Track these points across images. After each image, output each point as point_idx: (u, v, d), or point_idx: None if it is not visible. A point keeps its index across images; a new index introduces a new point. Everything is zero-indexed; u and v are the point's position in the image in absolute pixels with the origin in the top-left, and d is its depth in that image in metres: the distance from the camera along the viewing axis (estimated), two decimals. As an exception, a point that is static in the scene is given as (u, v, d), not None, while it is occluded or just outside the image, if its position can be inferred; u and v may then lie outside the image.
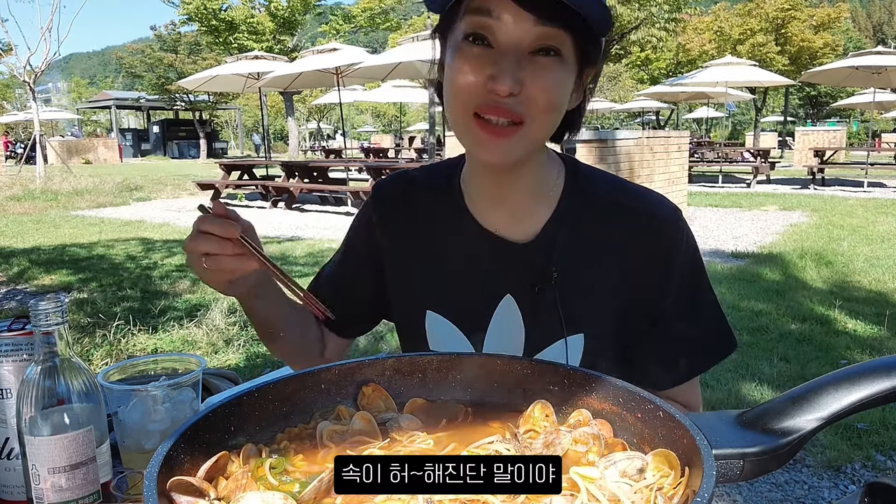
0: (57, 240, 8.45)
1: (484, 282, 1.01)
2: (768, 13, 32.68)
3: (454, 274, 1.03)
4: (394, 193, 1.10)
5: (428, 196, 1.07)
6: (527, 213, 1.00)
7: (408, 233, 1.07)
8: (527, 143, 0.88)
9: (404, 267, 1.07)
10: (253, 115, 50.62)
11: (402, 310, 1.09)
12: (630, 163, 8.64)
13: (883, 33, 79.89)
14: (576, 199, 1.00)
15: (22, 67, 15.54)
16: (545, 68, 0.84)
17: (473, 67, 0.84)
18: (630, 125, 42.78)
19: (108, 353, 4.07)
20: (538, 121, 0.86)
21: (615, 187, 1.02)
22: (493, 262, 1.00)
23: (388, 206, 1.09)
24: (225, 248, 0.84)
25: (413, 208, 1.07)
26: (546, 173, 1.00)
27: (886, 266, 6.26)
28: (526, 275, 0.98)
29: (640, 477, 0.59)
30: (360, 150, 26.54)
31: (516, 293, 0.99)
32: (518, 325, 0.99)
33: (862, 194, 12.71)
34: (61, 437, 0.77)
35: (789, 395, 0.60)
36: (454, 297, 1.03)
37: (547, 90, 0.84)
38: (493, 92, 0.83)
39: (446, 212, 1.04)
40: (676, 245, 0.97)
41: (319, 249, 7.58)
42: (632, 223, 0.97)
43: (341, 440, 0.70)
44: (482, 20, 0.83)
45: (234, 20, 30.04)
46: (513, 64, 0.82)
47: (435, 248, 1.05)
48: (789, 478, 2.70)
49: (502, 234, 1.00)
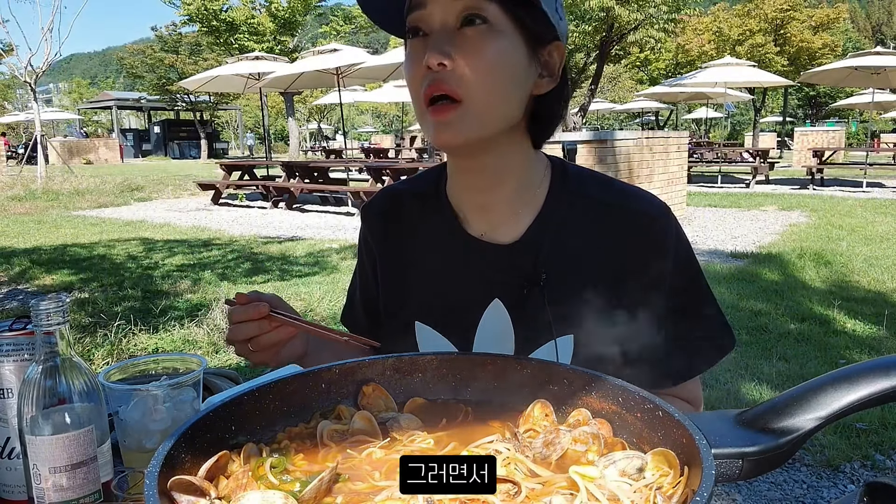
0: (58, 240, 8.45)
1: (471, 287, 1.00)
2: (767, 14, 32.66)
3: (440, 282, 1.02)
4: (380, 212, 1.11)
5: (415, 206, 1.07)
6: (512, 215, 0.99)
7: (396, 248, 1.08)
8: (473, 119, 0.87)
9: (393, 281, 1.08)
10: (254, 116, 50.62)
11: (392, 323, 1.08)
12: (630, 163, 8.65)
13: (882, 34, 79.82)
14: (563, 198, 0.99)
15: (23, 68, 15.54)
16: (474, 38, 0.85)
17: (415, 57, 0.88)
18: (629, 126, 42.82)
19: (109, 353, 4.07)
20: (477, 93, 0.86)
21: (603, 186, 1.01)
22: (480, 266, 0.99)
23: (375, 224, 1.11)
24: (262, 327, 0.91)
25: (399, 223, 1.08)
26: (530, 173, 0.99)
27: (885, 266, 6.26)
28: (513, 277, 0.97)
29: (639, 476, 0.59)
30: (361, 150, 26.52)
31: (504, 296, 0.98)
32: (507, 328, 0.98)
33: (861, 194, 12.70)
34: (62, 437, 0.77)
35: (788, 395, 0.60)
36: (441, 305, 1.02)
37: (479, 58, 0.85)
38: (429, 70, 0.86)
39: (433, 220, 1.04)
40: (667, 243, 0.96)
41: (320, 249, 7.58)
42: (620, 222, 0.96)
43: (342, 439, 0.70)
44: (415, 14, 0.88)
45: (234, 21, 30.03)
46: (440, 39, 0.85)
47: (421, 258, 1.05)
48: (788, 477, 2.71)
49: (488, 238, 0.99)
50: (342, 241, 8.19)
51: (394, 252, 1.08)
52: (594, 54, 18.38)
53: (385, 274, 1.09)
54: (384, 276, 1.09)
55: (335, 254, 7.29)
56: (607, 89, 36.18)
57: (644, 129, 25.01)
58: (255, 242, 8.25)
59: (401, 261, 1.07)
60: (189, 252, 7.54)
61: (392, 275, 1.08)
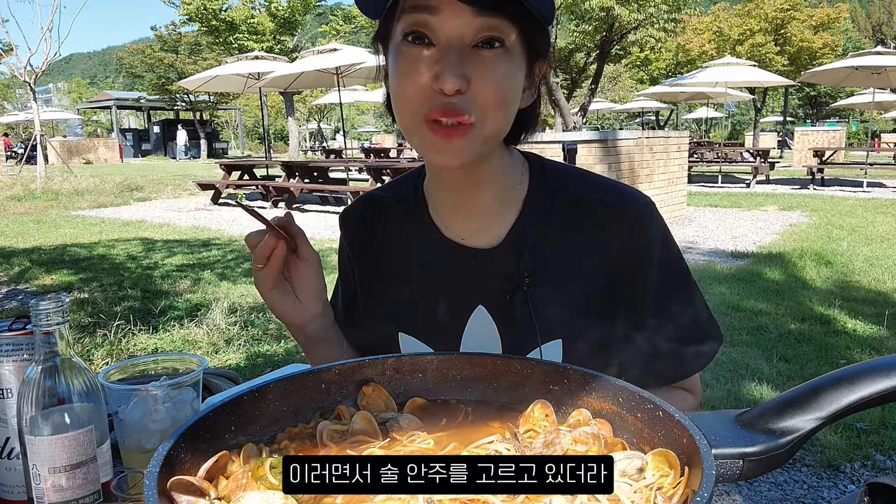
0: (58, 240, 8.45)
1: (453, 295, 0.96)
2: (768, 13, 32.65)
3: (422, 291, 0.99)
4: (358, 219, 1.08)
5: (394, 212, 1.04)
6: (492, 218, 0.96)
7: (374, 257, 1.05)
8: (479, 142, 0.83)
9: (373, 291, 1.05)
10: (253, 116, 50.61)
11: (376, 334, 1.03)
12: (630, 163, 8.65)
13: (882, 33, 79.86)
14: (543, 197, 0.96)
15: (22, 68, 15.53)
16: (491, 62, 0.80)
17: (417, 69, 0.80)
18: (630, 125, 42.81)
19: (108, 353, 4.07)
20: (489, 118, 0.81)
21: (583, 183, 0.97)
22: (461, 272, 0.96)
23: (353, 232, 1.08)
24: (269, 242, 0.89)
25: (376, 230, 1.05)
26: (509, 174, 0.96)
27: (886, 266, 6.26)
28: (496, 281, 0.94)
29: (639, 476, 0.59)
30: (361, 150, 26.51)
31: (488, 302, 0.95)
32: (493, 335, 0.95)
33: (861, 194, 12.70)
34: (62, 437, 0.77)
35: (789, 395, 0.60)
36: (424, 314, 0.98)
37: (495, 85, 0.80)
38: (441, 92, 0.78)
39: (411, 227, 1.01)
40: (651, 240, 0.93)
41: (319, 249, 7.50)
42: (602, 219, 0.93)
43: (341, 440, 0.70)
44: (420, 17, 0.79)
45: (234, 20, 30.03)
46: (456, 60, 0.78)
47: (401, 267, 1.02)
48: (789, 477, 2.70)
49: (469, 242, 0.96)
50: (342, 240, 8.18)
51: (373, 261, 1.05)
52: (594, 54, 18.39)
53: (365, 284, 1.06)
54: (363, 285, 1.06)
55: (335, 254, 7.25)
56: (607, 89, 36.16)
57: (644, 129, 25.01)
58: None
59: (381, 269, 1.04)
60: (189, 252, 7.54)
61: (372, 284, 1.05)
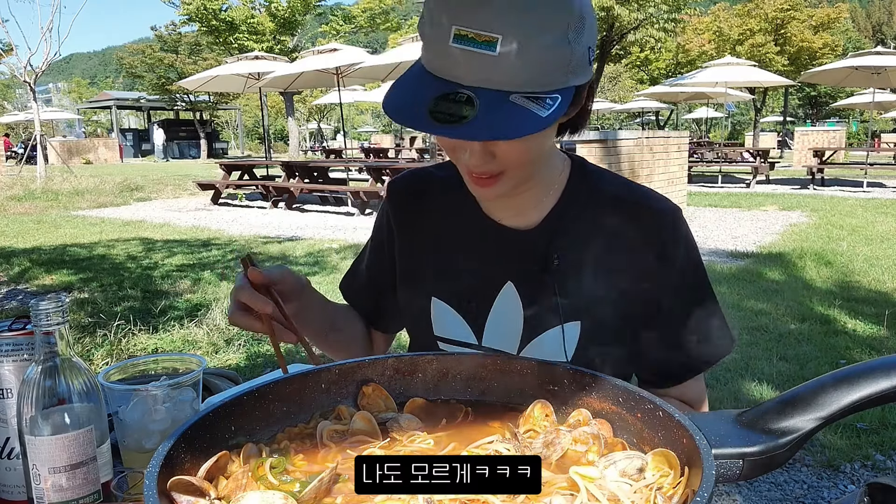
0: (58, 240, 8.45)
1: (487, 269, 1.03)
2: (768, 13, 32.68)
3: (458, 262, 1.06)
4: (405, 190, 1.14)
5: (440, 190, 1.11)
6: (532, 205, 1.02)
7: (417, 227, 1.11)
8: (512, 184, 0.92)
9: (412, 258, 1.11)
10: (253, 116, 50.62)
11: (409, 298, 1.11)
12: (630, 163, 8.64)
13: (882, 34, 79.81)
14: (581, 192, 1.03)
15: (22, 68, 15.53)
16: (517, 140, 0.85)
17: (450, 146, 0.90)
18: (630, 125, 42.81)
19: (108, 353, 4.07)
20: (518, 171, 0.90)
21: (619, 184, 1.05)
22: (496, 249, 1.03)
23: (398, 202, 1.14)
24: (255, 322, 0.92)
25: (422, 203, 1.11)
26: (550, 169, 1.02)
27: (886, 266, 6.26)
28: (527, 261, 1.01)
29: (639, 476, 0.59)
30: (361, 150, 26.49)
31: (517, 280, 1.02)
32: (518, 311, 1.01)
33: (861, 194, 12.70)
34: (62, 437, 0.77)
35: (788, 395, 0.60)
36: (458, 285, 1.05)
37: (518, 151, 0.87)
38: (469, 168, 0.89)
39: (455, 203, 1.07)
40: (676, 241, 0.99)
41: (319, 249, 7.58)
42: (633, 216, 0.99)
43: (341, 440, 0.70)
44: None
45: (234, 20, 30.04)
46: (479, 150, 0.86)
47: (442, 239, 1.09)
48: (789, 477, 2.70)
49: (506, 223, 1.03)
50: (342, 241, 8.18)
51: (415, 229, 1.11)
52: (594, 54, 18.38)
53: (405, 249, 1.12)
54: (403, 251, 1.12)
55: (335, 254, 7.29)
56: (607, 89, 36.21)
57: (644, 129, 25.02)
58: (255, 242, 8.25)
59: (424, 238, 1.10)
60: (189, 252, 7.54)
61: (412, 250, 1.11)
